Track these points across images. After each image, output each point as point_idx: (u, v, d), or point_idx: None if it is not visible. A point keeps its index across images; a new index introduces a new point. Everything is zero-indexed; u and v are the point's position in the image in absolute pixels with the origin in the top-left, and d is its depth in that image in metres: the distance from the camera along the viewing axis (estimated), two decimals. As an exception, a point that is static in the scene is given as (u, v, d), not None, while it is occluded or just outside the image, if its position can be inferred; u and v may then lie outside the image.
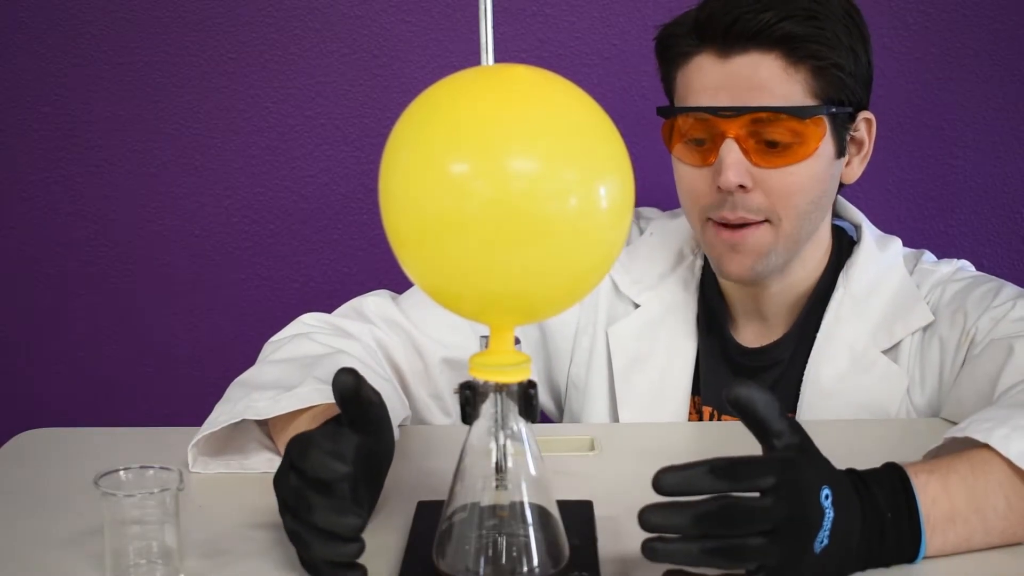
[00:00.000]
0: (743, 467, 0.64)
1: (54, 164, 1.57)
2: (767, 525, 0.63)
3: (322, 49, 1.52)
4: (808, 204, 1.00)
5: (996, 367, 0.90)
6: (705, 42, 0.98)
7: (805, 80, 0.97)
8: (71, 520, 0.80)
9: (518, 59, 0.68)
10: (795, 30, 0.95)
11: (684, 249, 1.14)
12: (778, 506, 0.63)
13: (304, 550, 0.69)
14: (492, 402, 0.66)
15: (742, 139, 0.96)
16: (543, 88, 0.61)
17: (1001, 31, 1.49)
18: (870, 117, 1.04)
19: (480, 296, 0.61)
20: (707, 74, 0.98)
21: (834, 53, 0.97)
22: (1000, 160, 1.53)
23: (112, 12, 1.52)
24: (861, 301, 1.05)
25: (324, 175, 1.56)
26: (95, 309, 1.60)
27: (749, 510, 0.63)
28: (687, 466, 0.64)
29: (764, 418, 0.67)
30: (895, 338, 1.04)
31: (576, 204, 0.58)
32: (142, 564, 0.70)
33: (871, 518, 0.68)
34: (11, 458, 0.95)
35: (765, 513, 0.63)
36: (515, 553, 0.66)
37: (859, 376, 1.04)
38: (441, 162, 0.58)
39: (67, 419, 1.15)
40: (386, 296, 1.09)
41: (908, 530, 0.69)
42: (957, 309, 1.01)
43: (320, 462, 0.68)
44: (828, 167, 1.01)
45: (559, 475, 0.85)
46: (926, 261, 1.09)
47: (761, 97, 0.96)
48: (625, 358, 1.11)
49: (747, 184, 0.97)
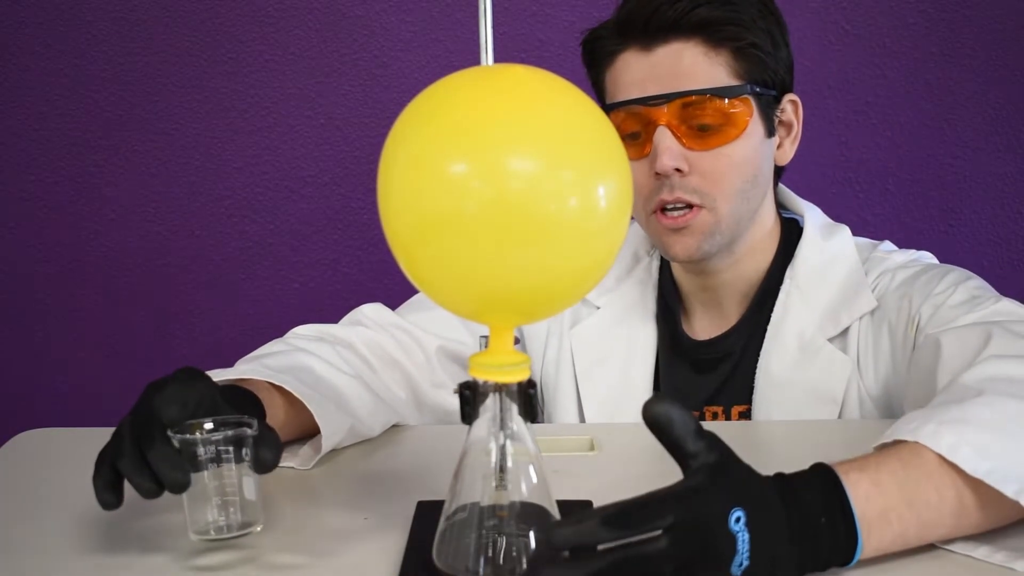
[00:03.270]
0: (637, 512, 0.61)
1: (54, 164, 1.57)
2: (669, 567, 0.60)
3: (322, 49, 1.53)
4: (742, 183, 1.03)
5: (931, 363, 0.89)
6: (628, 39, 1.02)
7: (727, 63, 1.01)
8: (71, 520, 0.80)
9: (518, 59, 0.68)
10: (712, 15, 0.99)
11: (639, 251, 1.18)
12: (677, 545, 0.60)
13: (117, 458, 0.70)
14: (492, 402, 0.66)
15: (673, 125, 1.00)
16: (542, 88, 0.61)
17: (1001, 31, 1.49)
18: (795, 99, 1.08)
19: (479, 296, 0.61)
20: (633, 68, 1.02)
21: (751, 34, 1.01)
22: (1000, 160, 1.53)
23: (112, 12, 1.52)
24: (808, 291, 1.07)
25: (324, 175, 1.56)
26: (95, 309, 1.60)
27: (645, 557, 0.60)
28: (579, 517, 0.60)
29: (679, 437, 0.64)
30: (841, 325, 1.05)
31: (575, 204, 0.58)
32: (220, 520, 0.71)
33: (801, 525, 0.65)
34: (11, 458, 0.95)
35: (664, 556, 0.60)
36: (515, 553, 0.66)
37: (807, 365, 1.05)
38: (440, 162, 0.58)
39: (67, 419, 1.15)
40: (381, 306, 1.13)
41: (843, 530, 0.67)
42: (904, 295, 1.01)
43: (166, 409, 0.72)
44: (759, 147, 1.04)
45: (559, 475, 0.85)
46: (881, 249, 1.10)
47: (687, 82, 1.00)
48: (587, 359, 1.14)
49: (683, 167, 1.00)
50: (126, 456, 0.70)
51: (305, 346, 1.00)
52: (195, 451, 0.70)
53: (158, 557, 0.74)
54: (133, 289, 1.59)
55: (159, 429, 0.71)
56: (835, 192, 1.49)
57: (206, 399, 0.75)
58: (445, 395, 1.10)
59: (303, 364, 0.95)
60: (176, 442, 0.70)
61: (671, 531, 0.60)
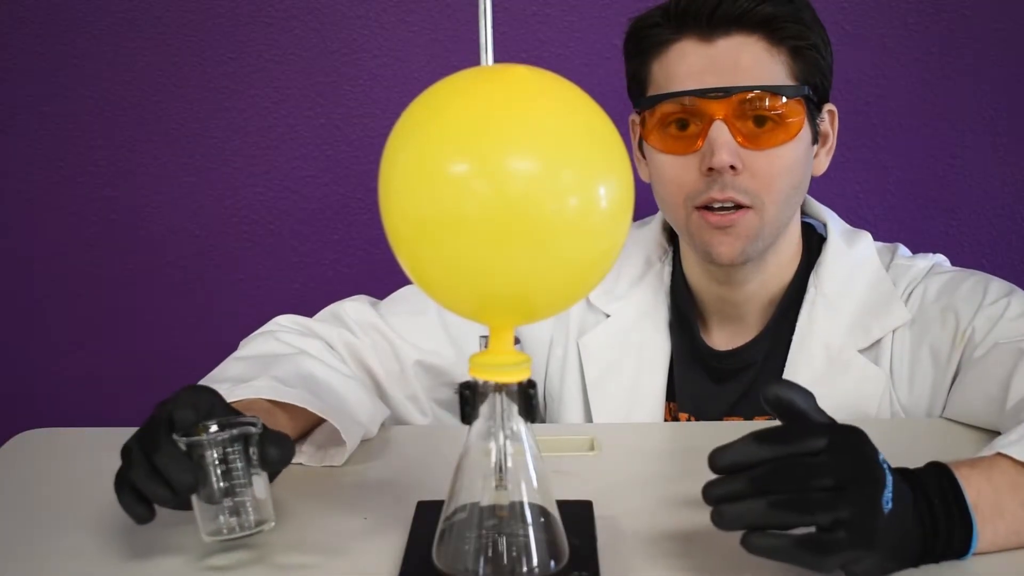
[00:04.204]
0: (792, 431, 0.65)
1: (54, 164, 1.57)
2: (829, 479, 0.63)
3: (322, 49, 1.52)
4: (790, 188, 1.01)
5: (1006, 371, 0.90)
6: (685, 29, 1.00)
7: (786, 62, 0.99)
8: (71, 520, 0.80)
9: (518, 59, 0.68)
10: (776, 12, 0.98)
11: (652, 257, 1.15)
12: (836, 461, 0.63)
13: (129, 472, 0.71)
14: (492, 402, 0.66)
15: (730, 120, 0.97)
16: (543, 88, 0.61)
17: (1001, 31, 1.49)
18: (833, 109, 1.06)
19: (479, 296, 0.61)
20: (691, 59, 0.99)
21: (811, 35, 1.00)
22: (1000, 160, 1.53)
23: (112, 12, 1.52)
24: (834, 300, 1.06)
25: (324, 175, 1.56)
26: (95, 309, 1.60)
27: (808, 465, 0.63)
28: (735, 442, 0.65)
29: (803, 411, 0.68)
30: (872, 337, 1.04)
31: (575, 204, 0.58)
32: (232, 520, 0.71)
33: (921, 503, 0.67)
34: (11, 458, 0.95)
35: (825, 468, 0.63)
36: (515, 553, 0.66)
37: (836, 377, 1.04)
38: (440, 162, 0.58)
39: (67, 419, 1.15)
40: (364, 301, 1.11)
41: (958, 518, 0.68)
42: (947, 308, 1.00)
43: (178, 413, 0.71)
44: (807, 152, 1.03)
45: (559, 475, 0.85)
46: (901, 256, 1.09)
47: (746, 78, 0.97)
48: (597, 368, 1.11)
49: (738, 165, 0.98)
50: (136, 466, 0.70)
51: (300, 345, 1.00)
52: (202, 453, 0.70)
53: (159, 557, 0.74)
54: (133, 289, 1.59)
55: (164, 435, 0.70)
56: (835, 192, 1.49)
57: (217, 404, 0.75)
58: (411, 407, 1.07)
59: (308, 371, 0.94)
60: (183, 445, 0.70)
61: (827, 450, 0.64)
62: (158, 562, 0.73)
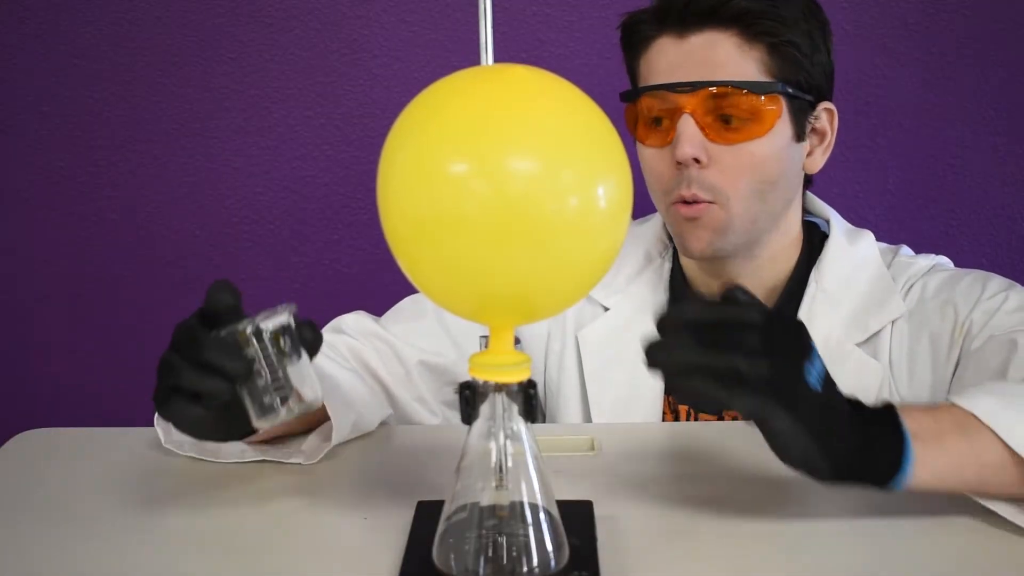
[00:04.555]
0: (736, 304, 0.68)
1: (54, 164, 1.57)
2: (758, 341, 0.65)
3: (322, 49, 1.53)
4: (760, 184, 1.01)
5: (1000, 362, 0.90)
6: (665, 25, 1.01)
7: (760, 58, 0.99)
8: (71, 520, 0.80)
9: (518, 59, 0.68)
10: (751, 7, 0.98)
11: (651, 252, 1.15)
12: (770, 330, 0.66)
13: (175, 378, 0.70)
14: (492, 402, 0.66)
15: (698, 114, 0.98)
16: (542, 88, 0.61)
17: (1001, 31, 1.49)
18: (831, 108, 1.05)
19: (479, 296, 0.61)
20: (666, 54, 1.01)
21: (789, 32, 0.99)
22: (1000, 160, 1.53)
23: (112, 12, 1.52)
24: (834, 295, 1.06)
25: (324, 175, 1.56)
26: (95, 309, 1.60)
27: (742, 321, 0.66)
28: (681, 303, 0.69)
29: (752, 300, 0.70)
30: (870, 331, 1.04)
31: (575, 204, 0.58)
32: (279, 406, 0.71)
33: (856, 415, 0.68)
34: (11, 458, 0.95)
35: (756, 330, 0.65)
36: (515, 553, 0.66)
37: (835, 370, 1.04)
38: (440, 162, 0.58)
39: (67, 419, 1.15)
40: (363, 314, 1.12)
41: (892, 436, 0.68)
42: (946, 301, 1.01)
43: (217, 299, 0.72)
44: (785, 149, 1.02)
45: (559, 475, 0.85)
46: (904, 254, 1.10)
47: (717, 73, 0.98)
48: (596, 362, 1.12)
49: (702, 158, 0.98)
50: (181, 368, 0.70)
51: None
52: (248, 343, 0.70)
53: (159, 557, 0.74)
54: (134, 289, 1.59)
55: (203, 332, 0.70)
56: (835, 192, 1.49)
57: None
58: (419, 408, 1.08)
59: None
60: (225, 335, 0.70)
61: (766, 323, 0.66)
62: (158, 561, 0.73)
